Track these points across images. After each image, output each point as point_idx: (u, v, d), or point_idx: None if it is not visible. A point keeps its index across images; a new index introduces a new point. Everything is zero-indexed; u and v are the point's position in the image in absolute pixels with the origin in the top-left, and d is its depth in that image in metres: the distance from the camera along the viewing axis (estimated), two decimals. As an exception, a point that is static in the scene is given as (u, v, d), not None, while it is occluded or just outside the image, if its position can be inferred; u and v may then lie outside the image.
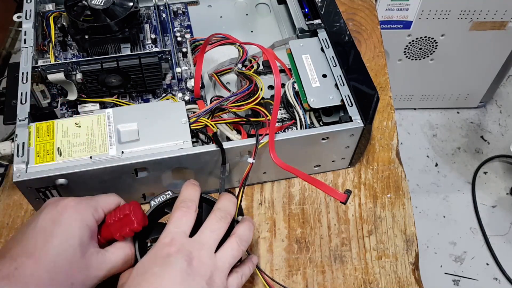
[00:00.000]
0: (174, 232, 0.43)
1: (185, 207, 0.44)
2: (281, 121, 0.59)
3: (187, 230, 0.43)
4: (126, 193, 0.55)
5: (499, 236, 1.35)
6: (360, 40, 0.76)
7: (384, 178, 0.62)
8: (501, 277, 1.29)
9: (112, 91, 0.59)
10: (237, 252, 0.44)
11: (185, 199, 0.45)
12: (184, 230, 0.43)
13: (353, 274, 0.54)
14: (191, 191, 0.46)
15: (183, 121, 0.53)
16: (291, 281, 0.54)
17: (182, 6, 0.72)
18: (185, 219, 0.44)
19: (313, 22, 0.66)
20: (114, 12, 0.60)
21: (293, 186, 0.60)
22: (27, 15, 0.61)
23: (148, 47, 0.64)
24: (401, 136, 1.51)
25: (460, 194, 1.43)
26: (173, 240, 0.42)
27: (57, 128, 0.51)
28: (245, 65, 0.62)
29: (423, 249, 1.33)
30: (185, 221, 0.44)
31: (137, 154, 0.50)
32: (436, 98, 1.53)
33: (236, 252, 0.44)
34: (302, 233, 0.57)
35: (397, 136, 0.66)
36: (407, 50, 1.32)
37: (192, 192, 0.46)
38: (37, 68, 0.55)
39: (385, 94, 0.70)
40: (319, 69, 0.60)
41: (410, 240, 0.57)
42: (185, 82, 0.61)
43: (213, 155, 0.52)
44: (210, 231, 0.43)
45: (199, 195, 0.47)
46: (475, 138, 1.54)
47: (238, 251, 0.44)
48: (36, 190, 0.49)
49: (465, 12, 1.20)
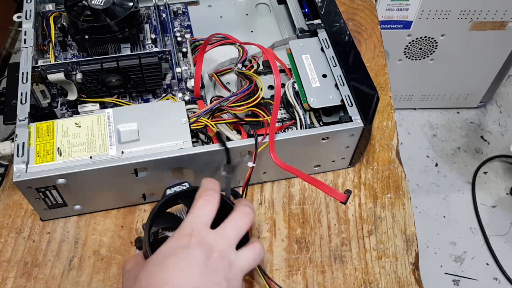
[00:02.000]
0: (196, 223, 0.41)
1: (209, 196, 0.42)
2: (281, 121, 0.59)
3: (209, 221, 0.41)
4: (126, 193, 0.55)
5: (499, 236, 1.35)
6: (360, 40, 0.76)
7: (384, 178, 0.62)
8: (501, 277, 1.29)
9: (112, 91, 0.59)
10: (258, 257, 0.42)
11: (208, 188, 0.44)
12: (205, 221, 0.41)
13: (353, 274, 0.54)
14: (214, 183, 0.45)
15: (183, 121, 0.53)
16: (291, 281, 0.54)
17: (182, 6, 0.72)
18: (207, 209, 0.42)
19: (313, 22, 0.66)
20: (114, 12, 0.60)
21: (293, 186, 0.60)
22: (27, 15, 0.61)
23: (148, 47, 0.64)
24: (401, 136, 1.51)
25: (460, 194, 1.43)
26: (194, 231, 0.40)
27: (57, 128, 0.51)
28: (245, 65, 0.62)
29: (423, 249, 1.33)
30: (207, 211, 0.42)
31: (137, 154, 0.50)
32: (436, 98, 1.53)
33: (258, 257, 0.42)
34: (302, 233, 0.57)
35: (397, 136, 0.66)
36: (407, 50, 1.31)
37: (213, 184, 0.45)
38: (37, 68, 0.55)
39: (385, 94, 0.70)
40: (319, 69, 0.60)
41: (410, 240, 0.57)
42: (185, 82, 0.61)
43: (213, 155, 0.52)
44: (233, 227, 0.42)
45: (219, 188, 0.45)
46: (475, 138, 1.54)
47: (259, 256, 0.43)
48: (36, 190, 0.50)
49: (465, 12, 1.20)
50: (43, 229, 0.55)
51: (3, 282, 0.52)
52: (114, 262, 0.54)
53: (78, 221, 0.56)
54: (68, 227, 0.56)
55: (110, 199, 0.55)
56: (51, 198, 0.52)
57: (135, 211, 0.57)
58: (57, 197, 0.52)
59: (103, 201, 0.55)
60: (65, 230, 0.55)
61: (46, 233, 0.55)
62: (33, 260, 0.53)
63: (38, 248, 0.54)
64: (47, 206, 0.53)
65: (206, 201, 0.42)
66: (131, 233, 0.55)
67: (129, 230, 0.56)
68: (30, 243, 0.54)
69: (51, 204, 0.53)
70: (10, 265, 0.53)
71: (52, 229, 0.55)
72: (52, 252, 0.54)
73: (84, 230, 0.56)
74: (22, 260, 0.53)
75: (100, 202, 0.55)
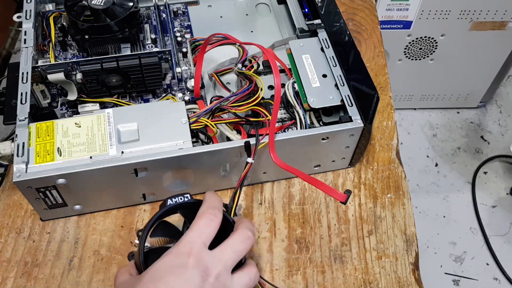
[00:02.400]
0: (195, 242, 0.40)
1: (213, 216, 0.42)
2: (281, 121, 0.59)
3: (208, 241, 0.41)
4: (126, 193, 0.55)
5: (499, 236, 1.35)
6: (360, 40, 0.76)
7: (384, 178, 0.62)
8: (501, 277, 1.29)
9: (112, 91, 0.59)
10: (253, 283, 0.42)
11: (213, 206, 0.43)
12: (205, 241, 0.41)
13: (353, 274, 0.54)
14: (218, 201, 0.44)
15: (183, 121, 0.53)
16: (291, 281, 0.54)
17: (182, 6, 0.72)
18: (209, 229, 0.41)
19: (313, 22, 0.66)
20: (114, 12, 0.60)
21: (293, 186, 0.60)
22: (27, 15, 0.61)
23: (148, 47, 0.64)
24: (401, 136, 1.51)
25: (460, 194, 1.43)
26: (193, 250, 0.40)
27: (57, 128, 0.51)
28: (245, 65, 0.62)
29: (423, 249, 1.33)
30: (208, 231, 0.41)
31: (137, 154, 0.50)
32: (436, 98, 1.53)
33: (252, 283, 0.42)
34: (302, 233, 0.57)
35: (397, 136, 0.66)
36: (407, 50, 1.31)
37: (218, 202, 0.44)
38: (37, 68, 0.55)
39: (385, 94, 0.70)
40: (319, 69, 0.60)
41: (410, 240, 0.57)
42: (185, 82, 0.61)
43: (213, 155, 0.52)
44: (232, 251, 0.41)
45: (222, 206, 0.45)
46: (475, 138, 1.54)
47: (254, 281, 0.42)
48: (36, 190, 0.50)
49: (465, 12, 1.20)
50: (43, 229, 0.55)
51: (3, 282, 0.52)
52: (114, 262, 0.54)
53: (78, 221, 0.56)
54: (68, 227, 0.56)
55: (110, 199, 0.55)
56: (51, 198, 0.52)
57: (135, 211, 0.57)
58: (57, 197, 0.52)
59: (103, 201, 0.55)
60: (65, 230, 0.55)
61: (46, 233, 0.55)
62: (33, 260, 0.53)
63: (38, 248, 0.54)
64: (47, 206, 0.53)
65: (209, 220, 0.42)
66: (131, 233, 0.55)
67: (129, 230, 0.56)
68: (30, 243, 0.54)
69: (51, 204, 0.53)
70: (10, 265, 0.53)
71: (52, 229, 0.55)
72: (52, 252, 0.54)
73: (84, 230, 0.56)
74: (22, 260, 0.53)
75: (100, 202, 0.55)
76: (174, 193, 0.45)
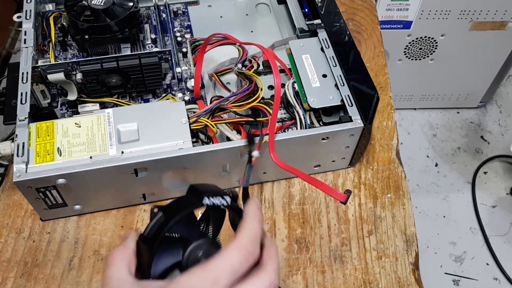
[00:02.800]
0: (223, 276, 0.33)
1: (251, 255, 0.35)
2: (281, 121, 0.59)
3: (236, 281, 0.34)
4: (126, 193, 0.55)
5: (499, 236, 1.35)
6: (360, 40, 0.76)
7: (384, 178, 0.62)
8: (501, 277, 1.29)
9: (112, 91, 0.59)
10: None
11: (254, 240, 0.36)
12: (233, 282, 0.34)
13: (353, 274, 0.54)
14: (259, 230, 0.37)
15: (183, 121, 0.53)
16: (291, 281, 0.54)
17: (182, 6, 0.72)
18: (241, 270, 0.34)
19: (313, 22, 0.66)
20: (114, 12, 0.60)
21: (293, 186, 0.60)
22: (27, 15, 0.61)
23: (148, 47, 0.64)
24: (401, 136, 1.51)
25: (460, 194, 1.43)
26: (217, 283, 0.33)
27: (57, 128, 0.51)
28: (245, 65, 0.62)
29: (423, 249, 1.32)
30: (240, 271, 0.34)
31: (137, 154, 0.50)
32: (436, 98, 1.53)
33: None
34: (302, 233, 0.57)
35: (397, 136, 0.66)
36: (407, 50, 1.31)
37: (259, 231, 0.37)
38: (37, 68, 0.55)
39: (385, 94, 0.70)
40: (319, 69, 0.60)
41: (410, 240, 0.57)
42: (185, 82, 0.61)
43: (213, 155, 0.52)
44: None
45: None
46: (475, 138, 1.54)
47: None
48: (36, 190, 0.49)
49: (465, 12, 1.20)
50: (43, 229, 0.55)
51: (3, 282, 0.52)
52: (114, 262, 0.53)
53: (78, 221, 0.56)
54: (68, 227, 0.56)
55: (110, 199, 0.55)
56: (51, 198, 0.52)
57: (135, 211, 0.57)
58: (57, 197, 0.52)
59: (103, 201, 0.55)
60: (65, 230, 0.55)
61: (46, 233, 0.55)
62: (33, 260, 0.53)
63: (38, 248, 0.54)
64: (47, 206, 0.53)
65: (246, 258, 0.35)
66: (131, 233, 0.55)
67: (129, 230, 0.56)
68: (30, 243, 0.54)
69: (51, 204, 0.53)
70: (10, 265, 0.53)
71: (52, 229, 0.55)
72: (52, 252, 0.54)
73: (84, 230, 0.56)
74: (22, 260, 0.53)
75: (100, 202, 0.55)
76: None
